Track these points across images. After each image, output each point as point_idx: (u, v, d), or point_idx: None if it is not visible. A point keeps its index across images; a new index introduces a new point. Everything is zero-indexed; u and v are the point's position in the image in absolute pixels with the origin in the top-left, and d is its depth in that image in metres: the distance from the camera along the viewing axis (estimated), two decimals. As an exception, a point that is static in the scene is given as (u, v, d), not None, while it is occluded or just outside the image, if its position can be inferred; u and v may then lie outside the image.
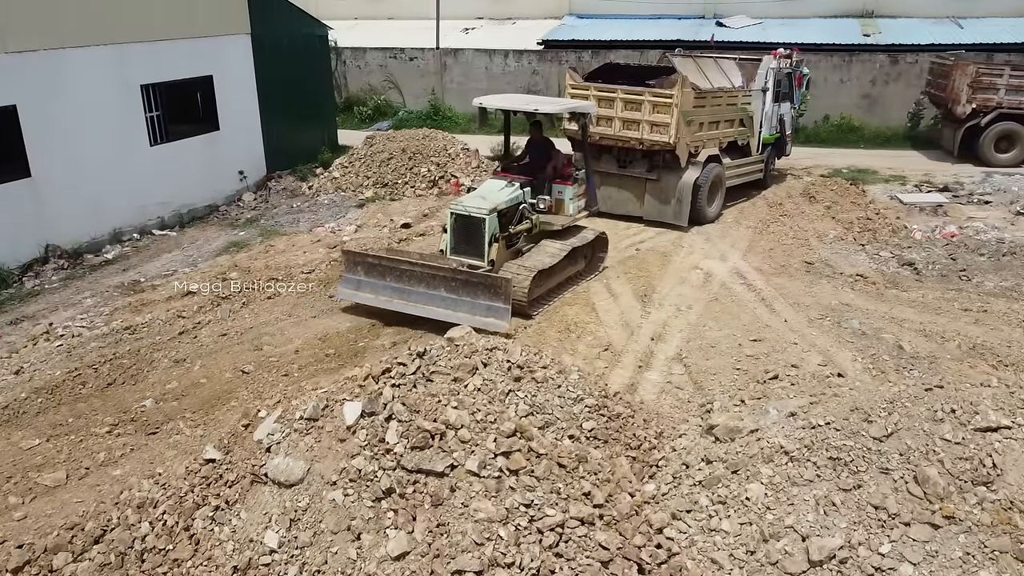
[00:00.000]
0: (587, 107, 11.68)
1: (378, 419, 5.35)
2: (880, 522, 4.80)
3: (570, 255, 10.64)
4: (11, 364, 8.95)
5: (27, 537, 5.78)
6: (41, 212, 12.30)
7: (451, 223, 10.14)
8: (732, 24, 25.07)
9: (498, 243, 9.99)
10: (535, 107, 10.71)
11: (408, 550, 4.79)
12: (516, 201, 10.43)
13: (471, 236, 9.99)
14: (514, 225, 10.38)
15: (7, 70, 11.49)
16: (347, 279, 10.16)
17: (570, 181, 10.91)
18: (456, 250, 10.13)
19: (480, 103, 10.98)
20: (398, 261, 9.82)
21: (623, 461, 6.14)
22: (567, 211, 10.91)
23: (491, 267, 9.88)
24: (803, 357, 8.70)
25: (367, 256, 10.07)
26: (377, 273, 9.88)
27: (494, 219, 9.97)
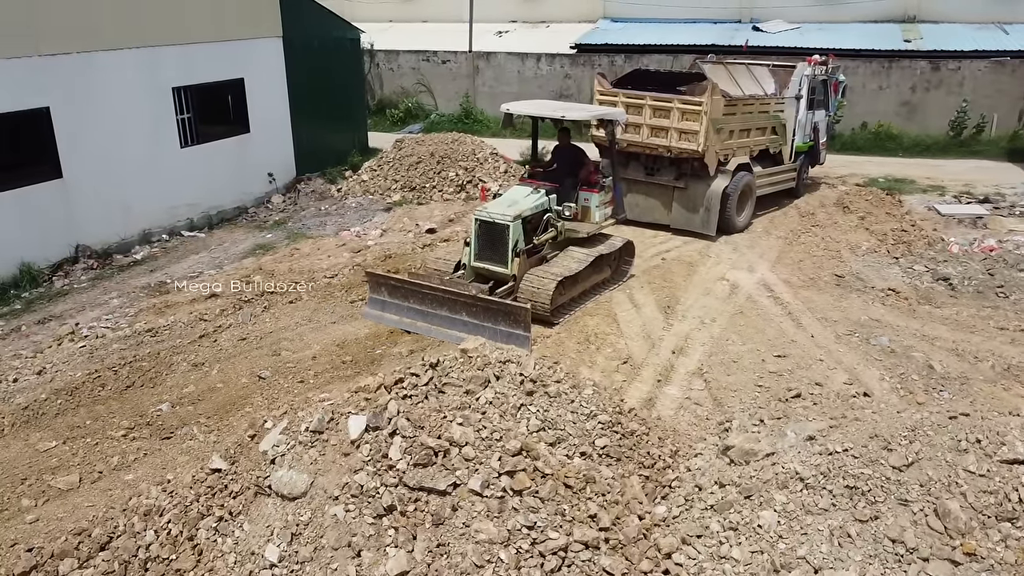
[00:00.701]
0: (616, 114, 11.49)
1: (382, 434, 5.28)
2: (897, 556, 4.60)
3: (595, 263, 10.51)
4: (35, 364, 9.06)
5: (37, 540, 5.82)
6: (72, 213, 12.47)
7: (475, 229, 10.11)
8: (769, 29, 24.67)
9: (520, 257, 9.90)
10: (562, 114, 10.61)
11: (407, 570, 4.71)
12: (541, 208, 10.36)
13: (495, 243, 9.97)
14: (539, 233, 10.29)
15: (40, 72, 11.67)
16: (373, 300, 10.18)
17: (597, 188, 10.83)
18: (480, 256, 10.11)
19: (507, 109, 10.91)
20: (420, 285, 9.75)
21: (634, 481, 5.99)
22: (593, 218, 10.83)
23: (513, 280, 9.84)
24: (828, 375, 8.46)
25: (390, 279, 10.06)
26: (400, 295, 9.88)
27: (518, 226, 9.91)
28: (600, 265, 10.84)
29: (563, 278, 9.82)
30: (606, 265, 11.12)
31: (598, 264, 10.71)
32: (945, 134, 21.14)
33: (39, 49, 11.66)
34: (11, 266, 11.61)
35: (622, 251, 11.34)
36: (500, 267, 9.98)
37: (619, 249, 11.15)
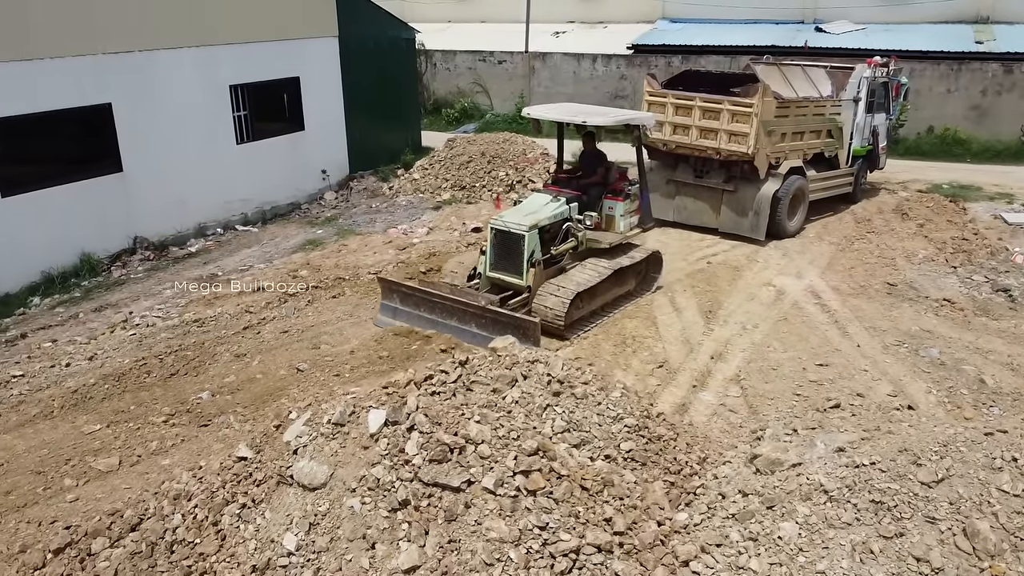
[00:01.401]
0: (642, 118, 10.88)
1: (400, 429, 5.32)
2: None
3: (616, 275, 10.14)
4: (88, 350, 9.41)
5: (75, 519, 6.03)
6: (131, 206, 12.92)
7: (491, 238, 9.86)
8: (832, 30, 24.03)
9: (536, 267, 9.60)
10: (583, 118, 10.20)
11: (418, 564, 4.74)
12: (560, 217, 10.04)
13: (511, 252, 9.68)
14: (558, 243, 10.00)
15: (104, 69, 12.12)
16: (384, 306, 10.07)
17: (622, 197, 10.42)
18: (495, 266, 9.87)
19: (530, 114, 10.70)
20: (430, 293, 9.58)
21: (657, 487, 5.90)
22: (617, 228, 10.43)
23: (527, 292, 9.57)
24: (871, 386, 8.20)
25: (401, 286, 9.92)
26: (412, 303, 9.73)
27: (534, 236, 9.60)
28: (623, 277, 10.48)
29: (579, 291, 9.47)
30: (630, 277, 10.72)
31: (620, 276, 10.34)
32: (1017, 139, 20.26)
33: (103, 47, 12.12)
34: (73, 256, 12.08)
35: (648, 263, 10.94)
36: (515, 278, 9.70)
37: (643, 260, 10.73)
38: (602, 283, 9.86)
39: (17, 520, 6.27)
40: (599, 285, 9.82)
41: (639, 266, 10.73)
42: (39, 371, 8.71)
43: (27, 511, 6.41)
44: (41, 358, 9.12)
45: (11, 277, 11.24)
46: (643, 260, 10.71)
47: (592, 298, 9.98)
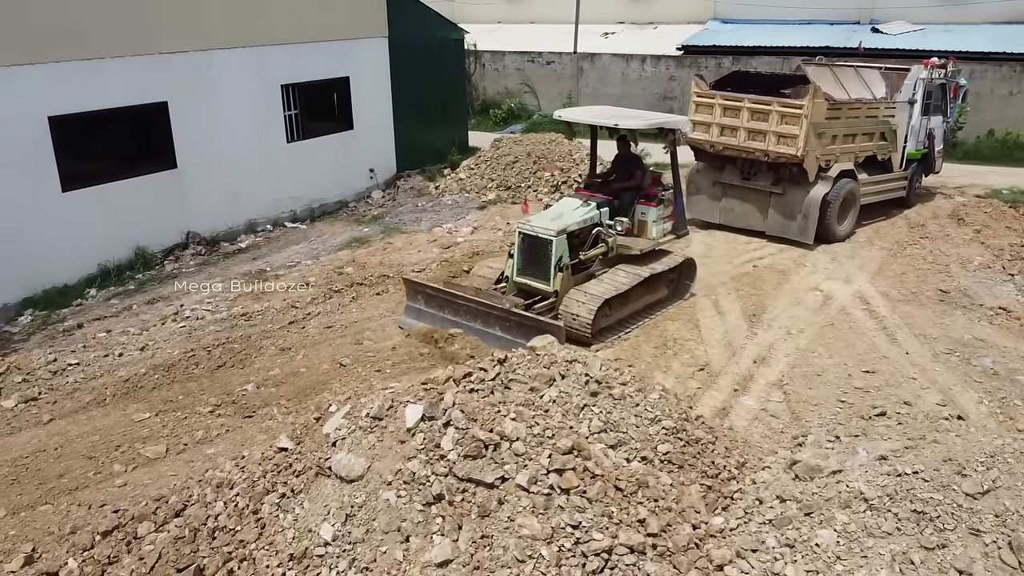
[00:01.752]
0: (676, 122, 10.58)
1: (436, 424, 5.37)
2: (963, 589, 4.32)
3: (647, 282, 9.89)
4: (139, 341, 9.69)
5: (123, 503, 6.24)
6: (184, 201, 13.27)
7: (518, 242, 9.73)
8: (889, 30, 23.48)
9: (563, 272, 9.43)
10: (615, 121, 9.99)
11: (451, 558, 4.78)
12: (590, 222, 9.87)
13: (538, 257, 9.52)
14: (586, 249, 9.82)
15: (160, 68, 12.47)
16: (409, 307, 10.02)
17: (655, 202, 10.22)
18: (523, 271, 9.73)
19: (561, 116, 10.53)
20: (455, 296, 9.45)
21: (693, 490, 5.85)
22: (650, 234, 10.21)
23: (554, 297, 9.42)
24: (919, 395, 8.00)
25: (426, 287, 9.84)
26: (436, 304, 9.64)
27: (562, 241, 9.44)
28: (654, 284, 10.22)
29: (608, 298, 9.27)
30: (662, 285, 10.45)
31: (652, 283, 10.09)
32: (1082, 144, 19.55)
33: (160, 47, 12.47)
34: (127, 249, 12.46)
35: (681, 270, 10.67)
36: (542, 283, 9.54)
37: (676, 267, 10.45)
38: (632, 290, 9.64)
39: (69, 502, 6.51)
40: (629, 292, 9.61)
41: (671, 273, 10.48)
42: (93, 360, 9.00)
43: (78, 494, 6.64)
44: (96, 348, 9.42)
45: (70, 269, 11.63)
46: (676, 267, 10.44)
47: (622, 305, 9.77)
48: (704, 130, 13.31)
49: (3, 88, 10.52)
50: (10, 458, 7.06)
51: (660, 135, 10.79)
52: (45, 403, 8.07)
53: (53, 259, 11.34)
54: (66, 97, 11.25)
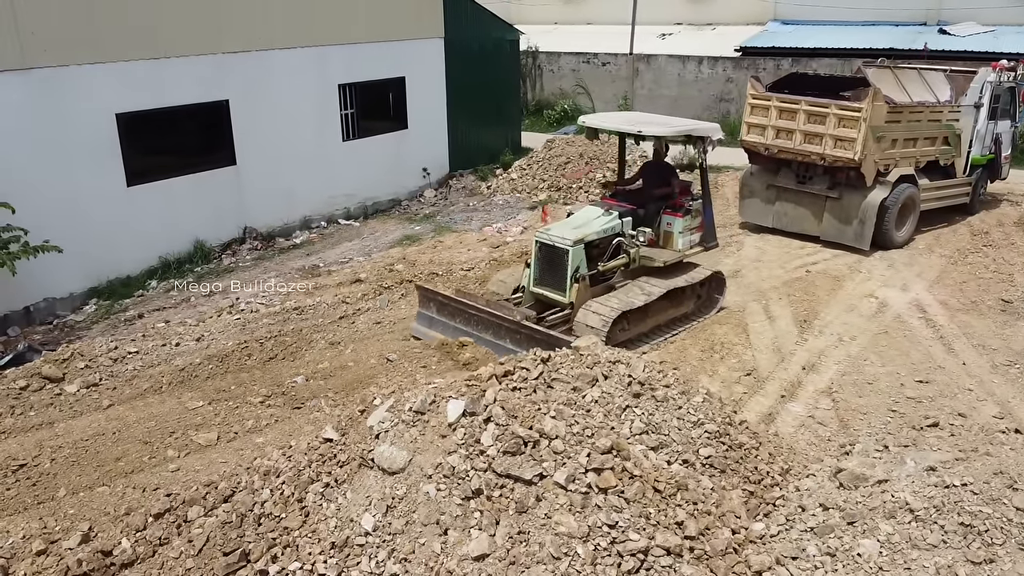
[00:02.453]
0: (707, 129, 9.92)
1: (477, 419, 5.43)
2: (1010, 605, 4.20)
3: (671, 296, 9.51)
4: (196, 332, 9.99)
5: (175, 488, 6.45)
6: (243, 197, 13.63)
7: (535, 251, 9.43)
8: (957, 32, 22.79)
9: (580, 283, 9.08)
10: (639, 128, 9.63)
11: (488, 552, 4.83)
12: (611, 232, 9.46)
13: (554, 268, 9.19)
14: (606, 260, 9.42)
15: (223, 68, 12.85)
16: (421, 315, 9.79)
17: (681, 212, 9.80)
18: (540, 281, 9.44)
19: (585, 122, 10.16)
20: (467, 305, 9.18)
21: (735, 495, 5.79)
22: (675, 246, 9.80)
23: (570, 308, 9.09)
24: (975, 407, 7.76)
25: (439, 295, 9.59)
26: (448, 313, 9.41)
27: (579, 251, 9.08)
28: (678, 299, 9.79)
29: (624, 311, 8.82)
30: (688, 299, 10.01)
31: (675, 297, 9.67)
32: None
33: (223, 47, 12.84)
34: (187, 243, 12.86)
35: (708, 283, 10.22)
36: (558, 294, 9.21)
37: (703, 281, 10.00)
38: (653, 304, 9.23)
39: (124, 485, 6.76)
40: (650, 306, 9.20)
41: (697, 287, 10.04)
42: (151, 349, 9.32)
43: (133, 477, 6.89)
44: (154, 337, 9.75)
45: (133, 261, 12.06)
46: (702, 281, 9.99)
47: (642, 319, 9.37)
48: (759, 132, 13.13)
49: (75, 86, 10.96)
50: (71, 440, 7.36)
51: (689, 143, 10.40)
52: (105, 389, 8.39)
53: (117, 251, 11.78)
54: (133, 95, 11.67)
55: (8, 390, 8.21)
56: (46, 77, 10.67)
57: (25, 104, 10.48)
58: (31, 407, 8.01)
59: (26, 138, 10.51)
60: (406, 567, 5.01)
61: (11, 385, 8.30)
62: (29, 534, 5.94)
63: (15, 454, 7.17)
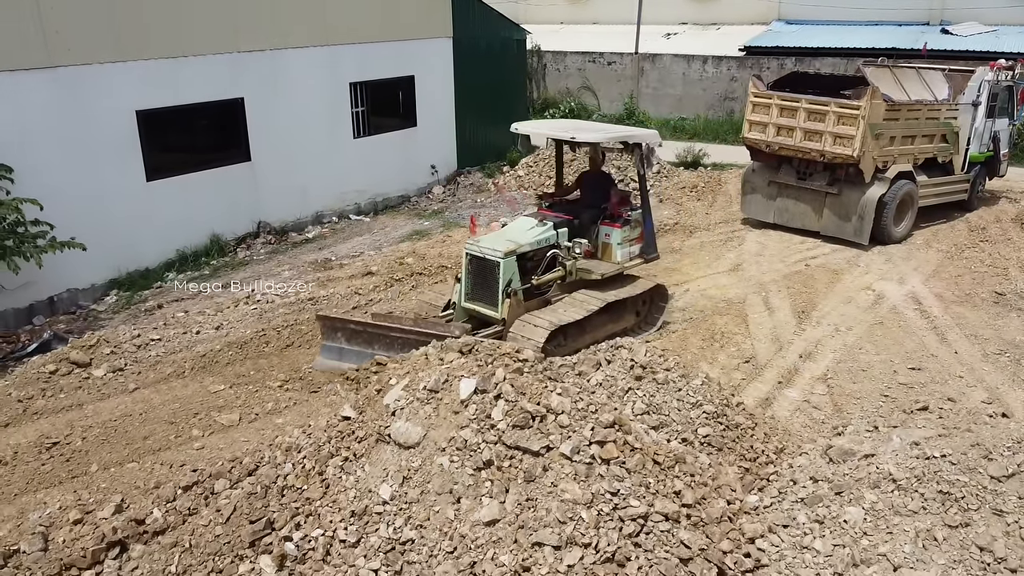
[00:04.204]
0: (642, 136, 9.59)
1: (488, 397, 5.77)
2: (983, 565, 4.53)
3: (611, 310, 9.08)
4: (215, 320, 10.36)
5: (201, 464, 6.81)
6: (257, 193, 14.00)
7: (465, 264, 9.02)
8: (959, 32, 23.05)
9: (512, 298, 8.62)
10: (571, 135, 9.35)
11: (498, 518, 5.17)
12: (545, 244, 9.08)
13: (486, 282, 8.75)
14: (540, 273, 9.03)
15: (238, 66, 13.22)
16: (327, 347, 8.93)
17: (619, 223, 9.41)
18: (472, 296, 8.99)
19: (517, 129, 9.83)
20: (388, 328, 8.45)
21: (730, 470, 6.13)
22: (614, 257, 9.42)
23: (503, 325, 8.56)
24: (965, 392, 8.09)
25: (349, 322, 8.85)
26: (362, 340, 8.66)
27: (511, 263, 8.65)
28: (618, 312, 9.38)
29: (558, 327, 8.31)
30: (628, 312, 9.62)
31: (615, 311, 9.25)
32: None
33: (239, 46, 13.21)
34: (203, 236, 13.24)
35: (649, 296, 9.85)
36: (490, 309, 8.74)
37: (643, 294, 9.62)
38: (593, 318, 8.76)
39: (153, 461, 7.13)
40: (588, 320, 8.72)
41: (638, 301, 9.65)
42: (173, 336, 9.69)
43: (161, 454, 7.26)
44: (175, 325, 10.13)
45: (152, 254, 12.44)
46: (643, 294, 9.59)
47: (579, 335, 8.87)
48: (761, 130, 13.45)
49: (97, 84, 11.34)
50: (100, 421, 7.74)
51: (626, 150, 9.99)
52: (131, 373, 8.77)
53: (137, 244, 12.15)
54: (152, 92, 12.05)
55: (38, 374, 8.60)
56: (70, 75, 11.05)
57: (50, 102, 10.86)
58: (61, 390, 8.40)
59: (51, 135, 10.89)
60: (421, 532, 5.35)
61: (41, 369, 8.69)
62: (65, 505, 6.30)
63: (48, 433, 7.56)
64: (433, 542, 5.23)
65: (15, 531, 5.97)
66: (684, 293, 11.09)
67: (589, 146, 9.85)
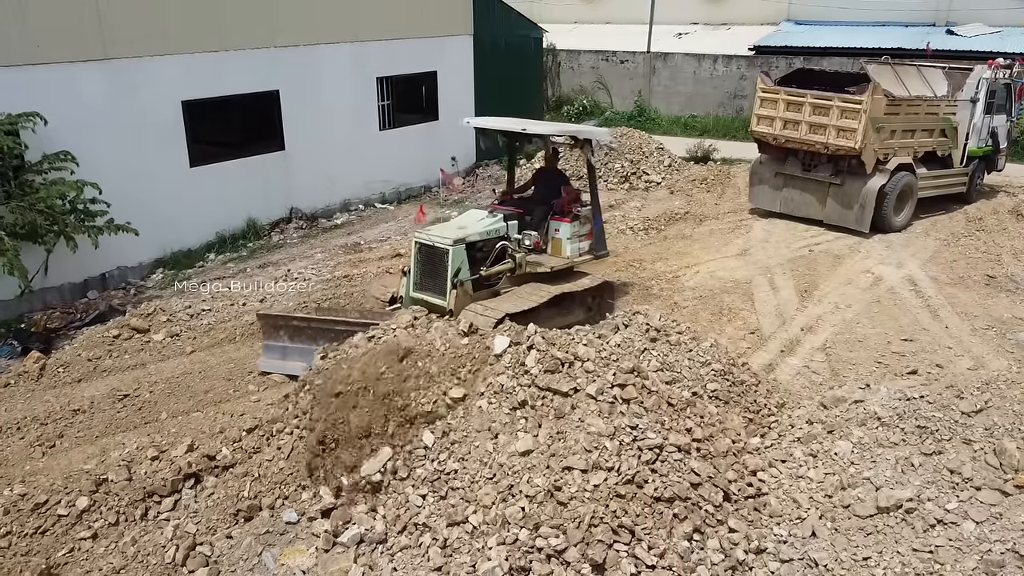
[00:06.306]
0: (593, 133, 9.78)
1: (521, 348, 6.53)
2: (952, 484, 5.25)
3: (558, 303, 9.03)
4: (258, 295, 11.16)
5: (259, 413, 7.59)
6: (290, 180, 14.81)
7: (414, 253, 9.04)
8: (964, 33, 23.67)
9: (459, 288, 8.62)
10: (523, 127, 9.46)
11: (532, 449, 5.92)
12: (494, 234, 9.14)
13: (435, 271, 8.77)
14: (489, 265, 9.05)
15: (274, 60, 14.03)
16: (270, 347, 8.83)
17: (569, 218, 9.40)
18: (420, 286, 9.00)
19: (469, 123, 9.98)
20: (334, 323, 8.38)
21: (736, 417, 6.88)
22: (563, 252, 9.40)
23: (450, 316, 8.30)
24: (952, 360, 8.80)
25: (291, 319, 8.73)
26: (306, 338, 8.54)
27: (460, 251, 8.68)
28: (567, 306, 9.34)
29: (506, 315, 8.08)
30: (577, 307, 9.60)
31: (563, 305, 9.20)
32: None
33: (275, 41, 14.02)
34: (240, 221, 14.05)
35: (598, 291, 9.89)
36: (439, 299, 8.69)
37: (590, 289, 9.61)
38: (541, 311, 8.60)
39: (215, 411, 7.94)
40: (537, 312, 8.48)
41: (586, 295, 9.66)
42: (221, 308, 10.49)
43: (222, 406, 8.06)
44: (222, 299, 10.93)
45: (194, 235, 13.27)
46: (591, 289, 9.59)
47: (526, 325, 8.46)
48: (768, 124, 14.16)
49: (147, 75, 12.16)
50: (164, 378, 8.55)
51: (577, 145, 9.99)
52: (187, 338, 9.57)
53: (180, 226, 12.97)
54: (196, 84, 12.86)
55: (103, 338, 9.42)
56: (122, 67, 11.87)
57: (104, 92, 11.68)
58: (125, 351, 9.21)
59: (105, 123, 11.71)
60: (464, 464, 6.10)
61: (104, 334, 9.51)
62: (142, 445, 7.11)
63: (118, 387, 8.38)
64: (475, 471, 5.97)
65: (101, 465, 6.77)
66: (695, 275, 11.82)
67: (538, 139, 9.89)
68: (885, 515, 5.26)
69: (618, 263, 12.26)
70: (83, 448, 7.41)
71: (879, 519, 5.26)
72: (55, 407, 8.05)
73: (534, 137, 9.88)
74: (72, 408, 8.02)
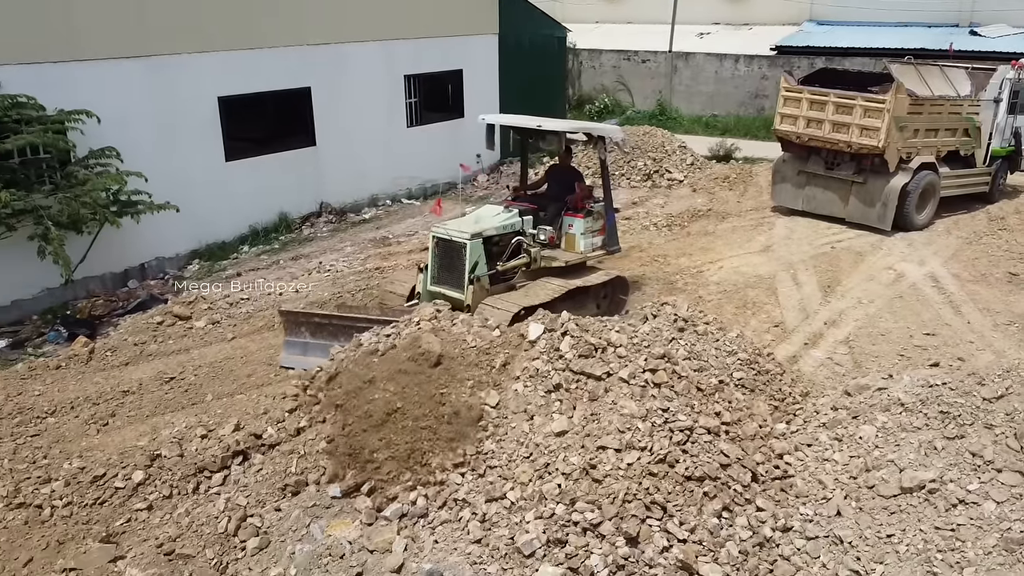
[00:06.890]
0: (606, 130, 9.93)
1: (556, 334, 6.79)
2: (974, 466, 5.46)
3: (572, 297, 9.16)
4: (293, 285, 11.49)
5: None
6: (320, 175, 15.16)
7: (432, 247, 9.23)
8: (988, 33, 23.67)
9: (476, 284, 8.78)
10: (538, 124, 9.64)
11: (567, 429, 6.18)
12: (509, 230, 9.33)
13: (453, 265, 8.94)
14: (505, 259, 9.24)
15: (306, 58, 14.38)
16: (291, 343, 8.90)
17: (582, 213, 9.64)
18: (438, 279, 9.17)
19: (484, 119, 10.09)
20: (356, 319, 8.44)
21: (762, 404, 7.11)
22: (577, 247, 9.63)
23: (468, 311, 8.44)
24: (974, 354, 8.98)
25: (313, 316, 8.79)
26: (327, 334, 8.58)
27: (478, 246, 8.83)
28: (581, 300, 9.43)
29: (523, 309, 8.24)
30: (591, 301, 9.73)
31: (577, 299, 9.30)
32: None
33: (306, 40, 14.36)
34: (272, 214, 14.41)
35: (611, 287, 10.03)
36: (457, 292, 8.84)
37: (604, 284, 9.77)
38: (556, 305, 8.58)
39: (258, 394, 8.25)
40: (552, 306, 8.33)
41: (599, 289, 9.83)
42: (259, 297, 10.84)
43: (264, 389, 8.38)
44: (259, 288, 11.26)
45: (228, 228, 13.64)
46: (605, 283, 9.77)
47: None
48: (791, 123, 14.34)
49: (185, 71, 12.53)
50: (207, 362, 8.89)
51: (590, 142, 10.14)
52: (227, 326, 9.92)
53: (216, 219, 13.34)
54: (232, 80, 13.23)
55: (147, 324, 9.79)
56: (162, 64, 12.25)
57: (145, 87, 12.06)
58: (169, 337, 9.57)
59: (145, 117, 12.08)
60: (501, 445, 6.38)
61: (149, 321, 9.88)
62: (190, 424, 7.43)
63: (164, 370, 8.73)
64: (511, 451, 6.24)
65: (153, 442, 7.10)
66: (718, 270, 12.04)
67: (553, 135, 9.99)
68: (908, 495, 5.48)
69: (643, 257, 12.51)
70: (135, 426, 7.75)
71: (902, 499, 5.49)
72: (105, 388, 8.41)
73: (548, 134, 10.02)
74: (121, 389, 8.38)
